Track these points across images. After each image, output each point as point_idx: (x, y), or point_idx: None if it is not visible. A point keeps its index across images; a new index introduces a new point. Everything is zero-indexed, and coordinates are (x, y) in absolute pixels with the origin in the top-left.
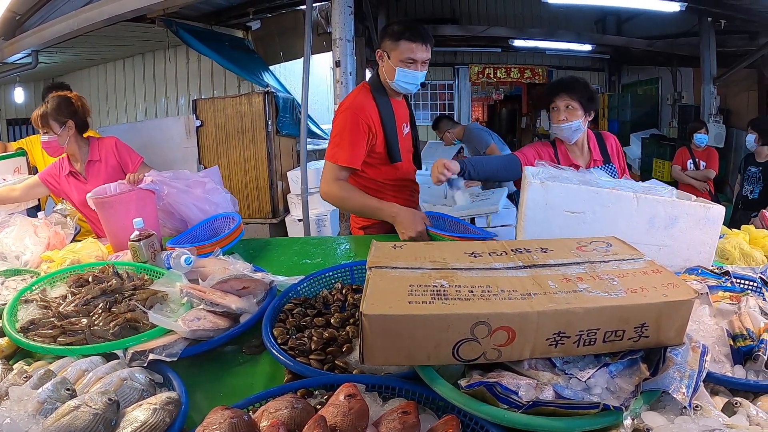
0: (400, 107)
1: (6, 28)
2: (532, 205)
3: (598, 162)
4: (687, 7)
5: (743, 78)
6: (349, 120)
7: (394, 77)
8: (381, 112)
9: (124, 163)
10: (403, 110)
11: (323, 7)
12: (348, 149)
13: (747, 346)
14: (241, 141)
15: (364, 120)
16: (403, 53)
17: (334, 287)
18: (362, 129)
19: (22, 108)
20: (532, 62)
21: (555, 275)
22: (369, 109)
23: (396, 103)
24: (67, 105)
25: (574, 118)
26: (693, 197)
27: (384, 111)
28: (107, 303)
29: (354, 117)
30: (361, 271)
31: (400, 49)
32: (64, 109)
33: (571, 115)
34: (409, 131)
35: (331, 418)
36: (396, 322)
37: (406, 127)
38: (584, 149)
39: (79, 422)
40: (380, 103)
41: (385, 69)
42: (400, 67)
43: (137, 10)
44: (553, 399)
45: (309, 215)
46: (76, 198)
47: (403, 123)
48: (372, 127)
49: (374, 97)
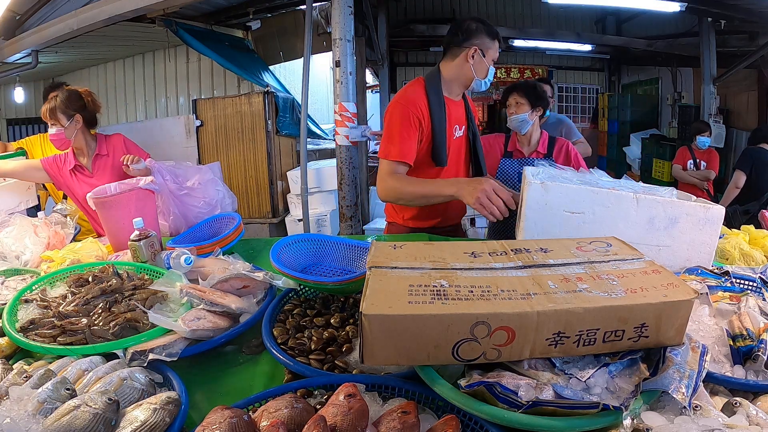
0: (456, 107)
1: (6, 28)
2: (532, 205)
3: (540, 155)
4: (687, 7)
5: (743, 78)
6: (399, 113)
7: (486, 75)
8: (432, 109)
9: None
10: (460, 111)
11: (323, 7)
12: (398, 143)
13: (747, 346)
14: (241, 141)
15: (414, 113)
16: (495, 53)
17: None
18: (413, 123)
19: (22, 108)
20: (532, 62)
21: (555, 275)
22: (420, 102)
23: (452, 103)
24: (76, 98)
25: (521, 112)
26: (693, 197)
27: (435, 108)
28: (107, 303)
29: (404, 110)
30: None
31: (495, 47)
32: (73, 102)
33: (519, 109)
34: (463, 135)
35: (331, 418)
36: (396, 322)
37: (459, 129)
38: (531, 141)
39: (79, 422)
40: (432, 100)
41: (477, 66)
42: (492, 66)
43: (137, 10)
44: (553, 399)
45: (309, 215)
46: (80, 192)
47: (456, 125)
48: (422, 121)
49: (427, 92)
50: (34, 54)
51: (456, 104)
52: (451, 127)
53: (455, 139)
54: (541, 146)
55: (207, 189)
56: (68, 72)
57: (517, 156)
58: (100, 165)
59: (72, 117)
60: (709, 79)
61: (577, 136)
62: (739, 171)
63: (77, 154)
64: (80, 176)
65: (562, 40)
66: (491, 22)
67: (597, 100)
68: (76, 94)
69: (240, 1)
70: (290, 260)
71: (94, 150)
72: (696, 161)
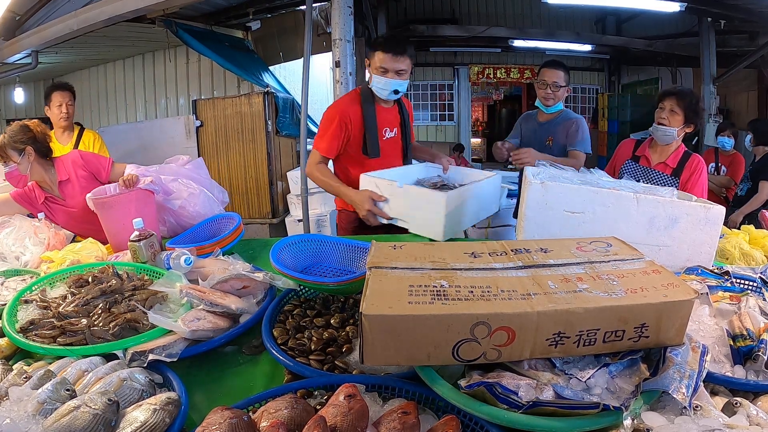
0: (386, 113)
1: (6, 28)
2: (532, 205)
3: (667, 168)
4: (687, 7)
5: (743, 78)
6: (332, 117)
7: (371, 83)
8: (364, 116)
9: (96, 170)
10: (390, 116)
11: (323, 8)
12: (327, 142)
13: (747, 346)
14: (240, 141)
15: (343, 119)
16: (377, 62)
17: None
18: (341, 126)
19: (22, 108)
20: (532, 62)
21: (555, 275)
22: (351, 112)
23: (381, 109)
24: (24, 131)
25: (674, 125)
26: (693, 197)
27: (366, 114)
28: (107, 303)
29: (335, 116)
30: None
31: (376, 58)
32: (20, 136)
33: (673, 120)
34: (395, 136)
35: (331, 419)
36: (396, 323)
37: (390, 131)
38: (665, 151)
39: (79, 422)
40: (364, 108)
41: (369, 75)
42: (375, 75)
43: (137, 11)
44: (553, 399)
45: (309, 215)
46: (62, 220)
47: (386, 127)
48: (348, 126)
49: (361, 101)
50: (34, 54)
51: (386, 110)
52: (381, 128)
53: (387, 139)
54: (671, 159)
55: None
56: (68, 72)
57: (643, 163)
58: (68, 191)
59: (23, 151)
60: (709, 79)
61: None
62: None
63: (42, 187)
64: (54, 206)
65: (561, 40)
66: (491, 22)
67: (597, 100)
68: (24, 128)
69: (240, 2)
70: (290, 260)
71: (56, 177)
72: (717, 165)
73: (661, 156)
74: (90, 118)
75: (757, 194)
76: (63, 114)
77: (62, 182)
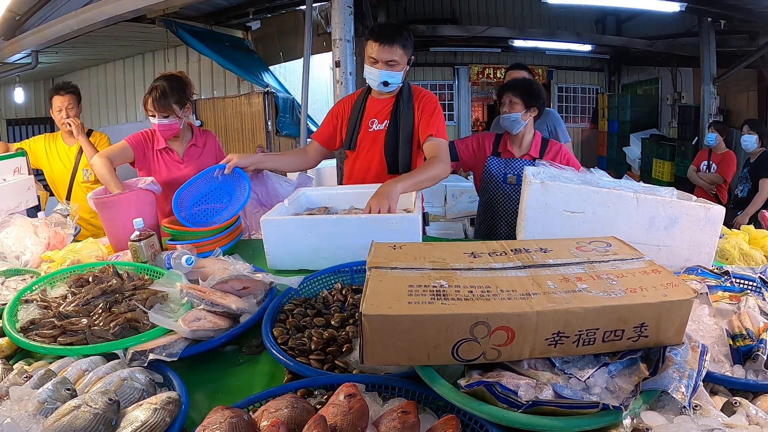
0: (377, 103)
1: (6, 28)
2: (532, 204)
3: (530, 158)
4: (687, 7)
5: (743, 78)
6: (333, 107)
7: (366, 73)
8: (353, 105)
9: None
10: (381, 107)
11: (323, 7)
12: (321, 128)
13: (746, 346)
14: (240, 141)
15: (338, 109)
16: (368, 52)
17: (334, 287)
18: (335, 115)
19: (22, 108)
20: (532, 62)
21: (554, 275)
22: (347, 101)
23: (373, 101)
24: (187, 86)
25: (513, 111)
26: (693, 197)
27: (354, 105)
28: (107, 303)
29: (336, 106)
30: (361, 272)
31: (368, 47)
32: (186, 90)
33: (512, 108)
34: (383, 129)
35: (331, 418)
36: (396, 323)
37: (379, 123)
38: (523, 143)
39: (80, 422)
40: (358, 99)
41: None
42: (365, 65)
43: (137, 10)
44: (553, 399)
45: None
46: (165, 175)
47: (374, 119)
48: (339, 116)
49: (362, 93)
50: (34, 54)
51: (378, 101)
52: (367, 120)
53: (370, 131)
54: (533, 149)
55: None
56: (68, 72)
57: (505, 156)
58: (192, 154)
59: (185, 105)
60: (709, 79)
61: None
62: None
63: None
64: (167, 158)
65: (561, 40)
66: (491, 22)
67: (597, 100)
68: (185, 82)
69: (240, 2)
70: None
71: (189, 139)
72: (709, 163)
73: (522, 148)
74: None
75: (759, 193)
76: (64, 119)
77: (192, 146)
